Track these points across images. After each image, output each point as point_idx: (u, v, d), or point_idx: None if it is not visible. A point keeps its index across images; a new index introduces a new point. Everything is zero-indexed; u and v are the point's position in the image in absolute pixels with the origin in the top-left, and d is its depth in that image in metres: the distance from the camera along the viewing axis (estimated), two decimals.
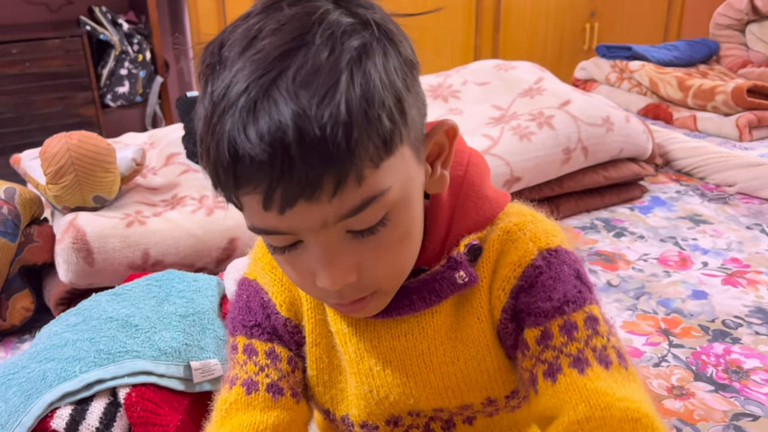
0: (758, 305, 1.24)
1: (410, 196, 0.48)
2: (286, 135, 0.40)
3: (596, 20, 3.11)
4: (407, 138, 0.46)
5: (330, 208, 0.43)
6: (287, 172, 0.41)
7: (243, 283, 0.62)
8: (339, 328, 0.58)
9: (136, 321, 0.94)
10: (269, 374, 0.58)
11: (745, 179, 1.72)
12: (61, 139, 1.19)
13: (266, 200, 0.43)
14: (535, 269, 0.54)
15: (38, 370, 0.86)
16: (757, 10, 2.39)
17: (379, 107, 0.42)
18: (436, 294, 0.54)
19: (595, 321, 0.53)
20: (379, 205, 0.45)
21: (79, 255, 1.15)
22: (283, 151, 0.41)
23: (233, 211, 1.45)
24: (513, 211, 0.58)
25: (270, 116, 0.41)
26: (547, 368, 0.52)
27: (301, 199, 0.42)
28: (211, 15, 2.49)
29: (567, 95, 1.72)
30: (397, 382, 0.57)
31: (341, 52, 0.42)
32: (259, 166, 0.41)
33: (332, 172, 0.42)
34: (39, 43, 2.30)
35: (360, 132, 0.41)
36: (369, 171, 0.43)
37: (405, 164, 0.47)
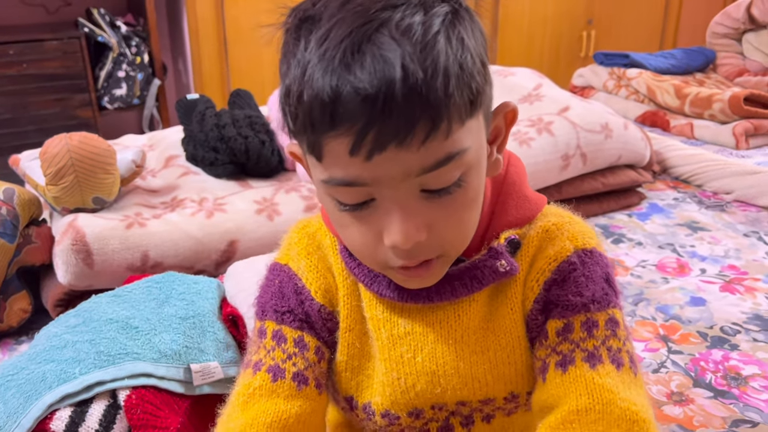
0: (756, 312, 1.25)
1: (481, 163, 0.50)
2: (393, 72, 0.42)
3: (593, 28, 3.13)
4: (484, 106, 0.49)
5: (416, 158, 0.45)
6: (388, 110, 0.42)
7: (275, 267, 0.62)
8: (373, 314, 0.58)
9: (137, 323, 0.94)
10: (296, 363, 0.58)
11: (742, 187, 1.73)
12: (61, 140, 1.19)
13: (357, 142, 0.43)
14: (570, 265, 0.56)
15: (38, 371, 0.86)
16: (754, 20, 2.41)
17: (471, 65, 0.46)
18: (477, 281, 0.55)
19: (615, 324, 0.55)
20: (458, 164, 0.47)
21: (78, 256, 1.15)
22: (388, 87, 0.42)
23: (233, 214, 1.45)
24: (551, 212, 0.60)
25: (375, 55, 0.42)
26: (561, 359, 0.54)
27: (392, 144, 0.43)
28: (209, 18, 2.49)
29: (566, 102, 1.73)
30: (426, 370, 0.57)
31: (434, 15, 0.45)
32: (362, 101, 0.42)
33: (428, 117, 0.43)
34: (37, 45, 2.30)
35: (456, 83, 0.44)
36: (456, 126, 0.45)
37: (480, 131, 0.49)
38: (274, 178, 1.46)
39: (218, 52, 2.55)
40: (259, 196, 1.36)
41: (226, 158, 1.43)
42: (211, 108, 1.53)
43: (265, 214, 1.31)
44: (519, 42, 3.03)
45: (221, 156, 1.43)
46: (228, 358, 0.96)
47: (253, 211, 1.31)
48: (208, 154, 1.44)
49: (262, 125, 1.48)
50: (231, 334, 1.01)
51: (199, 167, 1.49)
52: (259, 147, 1.41)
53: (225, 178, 1.44)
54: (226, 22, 2.52)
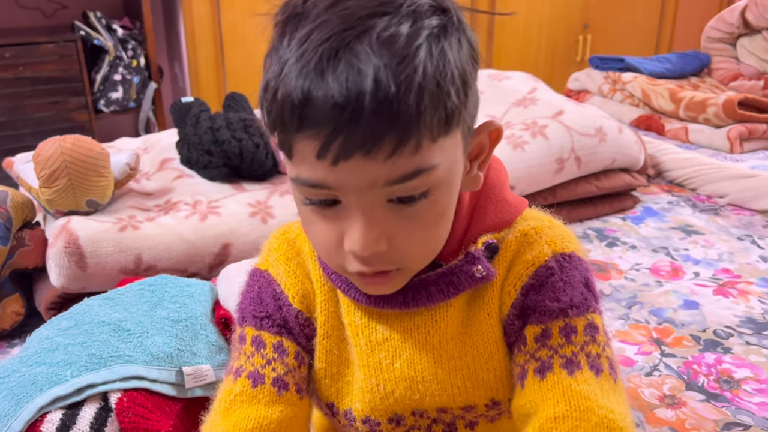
0: (749, 315, 1.25)
1: (453, 180, 0.50)
2: (365, 84, 0.42)
3: (589, 32, 3.14)
4: (463, 123, 0.49)
5: (383, 170, 0.45)
6: (355, 121, 0.42)
7: (255, 273, 0.62)
8: (352, 320, 0.58)
9: (129, 326, 0.94)
10: (276, 368, 0.58)
11: (735, 191, 1.74)
12: (55, 143, 1.19)
13: (324, 147, 0.44)
14: (548, 270, 0.55)
15: (29, 374, 0.85)
16: (748, 24, 2.42)
17: (450, 83, 0.45)
18: (453, 287, 0.55)
19: (594, 329, 0.54)
20: (426, 179, 0.47)
21: (72, 259, 1.15)
22: (357, 98, 0.42)
23: (226, 217, 1.44)
24: (531, 215, 0.59)
25: (350, 64, 0.42)
26: (539, 366, 0.53)
27: (358, 153, 0.44)
28: (205, 21, 2.50)
29: (560, 105, 1.74)
30: (405, 376, 0.57)
31: (422, 27, 0.44)
32: (331, 108, 0.42)
33: (396, 131, 0.43)
34: (33, 48, 2.30)
35: (430, 100, 0.44)
36: (427, 142, 0.45)
37: (455, 148, 0.49)
38: (268, 181, 1.47)
39: (214, 55, 2.55)
40: (253, 199, 1.36)
41: (220, 161, 1.43)
42: (205, 111, 1.53)
43: (258, 217, 1.31)
44: (515, 46, 3.04)
45: (215, 159, 1.43)
46: (220, 361, 0.96)
47: (247, 214, 1.31)
48: (203, 157, 1.44)
49: (257, 128, 1.48)
50: (223, 336, 1.01)
51: (194, 170, 1.49)
52: (253, 150, 1.41)
53: (219, 181, 1.44)
54: (222, 26, 2.52)
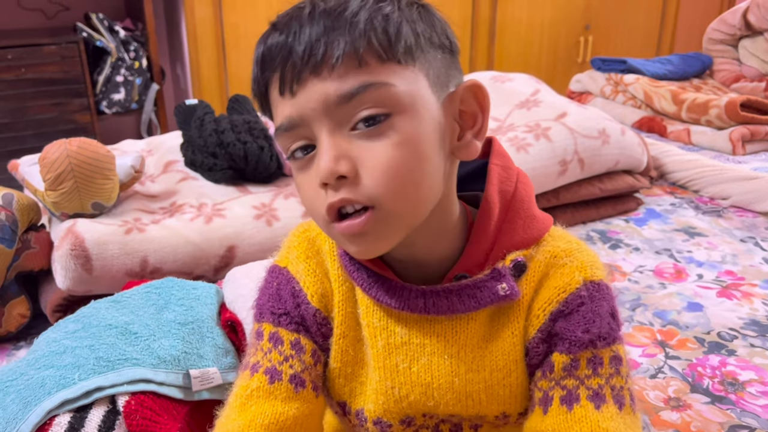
0: (753, 318, 1.25)
1: (418, 111, 0.51)
2: (303, 9, 0.51)
3: (591, 33, 3.14)
4: (422, 67, 0.52)
5: (331, 85, 0.49)
6: (298, 37, 0.49)
7: (274, 270, 0.63)
8: (370, 321, 0.59)
9: (136, 328, 0.94)
10: (293, 365, 0.58)
11: (738, 192, 1.74)
12: (60, 146, 1.19)
13: (281, 81, 0.51)
14: (578, 298, 0.56)
15: (37, 377, 0.86)
16: (750, 26, 2.43)
17: (391, 14, 0.50)
18: (476, 300, 0.55)
19: (619, 361, 0.56)
20: (380, 95, 0.50)
21: (77, 262, 1.15)
22: (298, 17, 0.50)
23: (232, 219, 1.44)
24: (558, 235, 0.60)
25: (299, 8, 0.52)
26: (566, 395, 0.55)
27: (305, 74, 0.49)
28: (208, 23, 2.50)
29: (563, 107, 1.74)
30: (421, 381, 0.57)
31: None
32: (278, 36, 0.51)
33: (334, 39, 0.49)
34: (35, 49, 2.30)
35: (367, 18, 0.49)
36: (372, 60, 0.49)
37: (417, 84, 0.52)
38: (272, 184, 1.47)
39: (217, 57, 2.56)
40: (258, 201, 1.36)
41: (225, 163, 1.43)
42: (209, 113, 1.53)
43: (263, 219, 1.32)
44: (516, 48, 3.04)
45: (220, 161, 1.43)
46: (227, 364, 0.96)
47: (252, 217, 1.31)
48: (207, 159, 1.44)
49: (261, 130, 1.48)
50: (230, 339, 1.01)
51: (198, 172, 1.49)
52: (257, 152, 1.41)
53: (224, 183, 1.45)
54: (224, 28, 2.52)
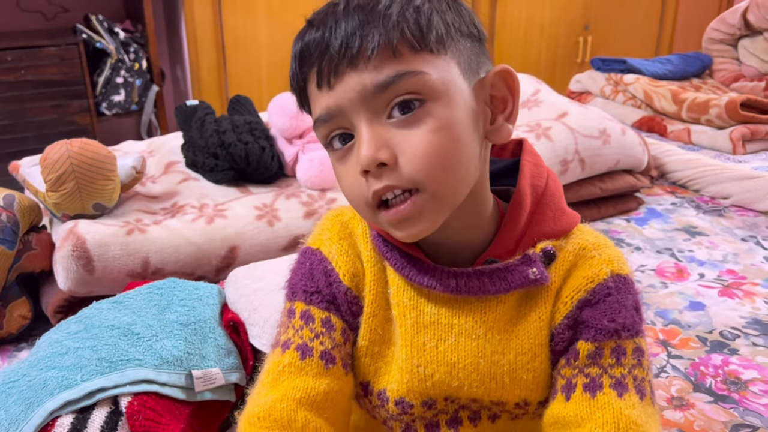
0: (755, 316, 1.25)
1: (451, 97, 0.53)
2: (338, 6, 0.53)
3: (590, 33, 3.14)
4: (453, 55, 0.54)
5: (368, 76, 0.51)
6: (334, 32, 0.51)
7: (306, 251, 0.65)
8: (400, 300, 0.60)
9: (138, 329, 0.94)
10: (323, 342, 0.60)
11: (739, 192, 1.74)
12: (62, 147, 1.19)
13: (318, 75, 0.53)
14: (605, 289, 0.58)
15: (39, 378, 0.86)
16: (750, 26, 2.43)
17: (422, 5, 0.52)
18: (506, 282, 0.57)
19: (641, 353, 0.58)
20: (414, 83, 0.52)
21: (79, 262, 1.15)
22: (333, 12, 0.52)
23: (233, 220, 1.44)
24: (586, 230, 0.62)
25: (333, 4, 0.54)
26: (589, 382, 0.56)
27: (342, 66, 0.51)
28: (207, 24, 2.50)
29: (564, 107, 1.74)
30: (447, 360, 0.59)
31: None
32: (315, 32, 0.53)
33: (369, 31, 0.51)
34: (34, 51, 2.30)
35: (399, 10, 0.51)
36: (405, 50, 0.51)
37: (448, 71, 0.54)
38: (274, 184, 1.47)
39: (216, 58, 2.55)
40: (259, 201, 1.36)
41: (226, 164, 1.43)
42: (210, 114, 1.53)
43: (265, 220, 1.32)
44: (516, 47, 3.04)
45: (221, 162, 1.43)
46: (229, 364, 0.96)
47: (254, 217, 1.31)
48: (208, 160, 1.44)
49: (262, 131, 1.48)
50: (232, 340, 1.01)
51: (199, 173, 1.49)
52: (259, 153, 1.41)
53: (225, 184, 1.44)
54: (224, 29, 2.52)
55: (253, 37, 2.56)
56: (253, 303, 1.02)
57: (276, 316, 0.97)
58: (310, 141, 1.49)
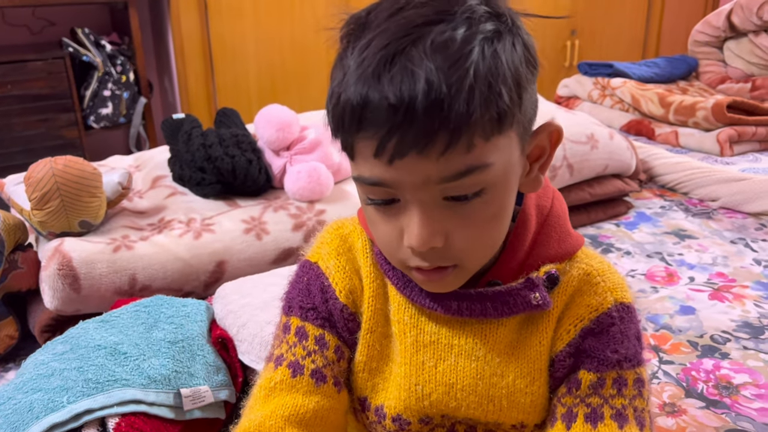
0: (745, 320, 1.25)
1: (509, 180, 0.51)
2: (417, 86, 0.45)
3: (577, 38, 3.15)
4: (518, 125, 0.50)
5: (435, 167, 0.47)
6: (407, 121, 0.45)
7: (304, 265, 0.64)
8: (401, 318, 0.60)
9: (125, 348, 0.93)
10: (315, 360, 0.60)
11: (727, 194, 1.74)
12: (46, 165, 1.18)
13: (380, 147, 0.47)
14: (609, 318, 0.57)
15: (24, 401, 0.84)
16: (734, 27, 2.44)
17: (502, 83, 0.47)
18: (508, 307, 0.56)
19: (641, 384, 0.58)
20: (480, 177, 0.48)
21: (65, 281, 1.14)
22: (410, 100, 0.45)
23: (221, 234, 1.43)
24: (590, 254, 0.61)
25: (405, 68, 0.45)
26: (590, 412, 0.56)
27: (412, 152, 0.46)
28: (194, 36, 2.49)
29: (551, 113, 1.74)
30: (445, 381, 0.59)
31: (476, 31, 0.47)
32: (385, 110, 0.45)
33: (447, 130, 0.45)
34: (21, 65, 2.28)
35: (481, 100, 0.46)
36: (479, 141, 0.47)
37: (510, 148, 0.50)
38: (261, 197, 1.46)
39: (204, 69, 2.55)
40: (247, 215, 1.35)
41: (213, 178, 1.42)
42: (197, 127, 1.52)
43: (253, 233, 1.31)
44: None
45: (208, 176, 1.42)
46: (218, 382, 0.95)
47: (241, 231, 1.31)
48: (195, 174, 1.43)
49: (249, 144, 1.47)
50: (221, 356, 1.01)
51: (186, 187, 1.48)
52: (246, 166, 1.41)
53: (212, 197, 1.44)
54: (211, 40, 2.52)
55: (241, 47, 2.56)
56: (242, 319, 1.01)
57: (265, 331, 0.97)
58: (298, 153, 1.48)
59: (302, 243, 1.32)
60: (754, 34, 2.41)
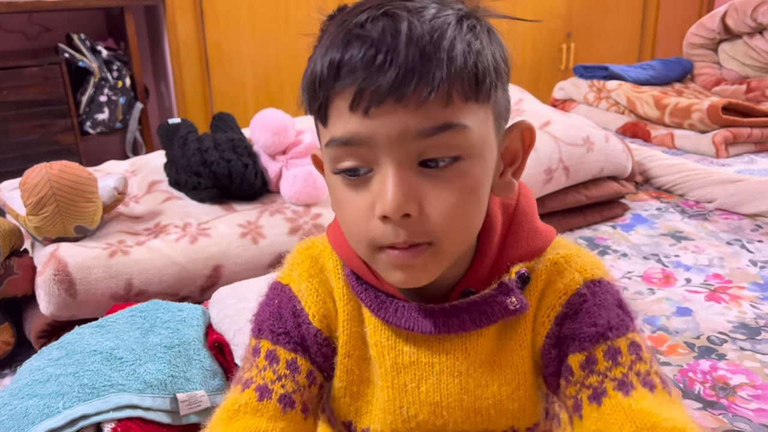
0: (741, 320, 1.26)
1: (484, 156, 0.50)
2: (400, 26, 0.46)
3: (573, 40, 3.16)
4: (493, 106, 0.50)
5: (414, 118, 0.46)
6: (388, 61, 0.45)
7: (276, 287, 0.62)
8: (378, 340, 0.58)
9: (121, 353, 0.93)
10: (285, 385, 0.58)
11: (723, 195, 1.75)
12: (41, 170, 1.18)
13: (357, 95, 0.46)
14: (580, 297, 0.56)
15: (20, 407, 0.84)
16: (729, 30, 2.45)
17: (479, 49, 0.48)
18: (486, 317, 0.55)
19: (638, 347, 0.54)
20: (457, 139, 0.48)
21: (61, 286, 1.13)
22: (392, 38, 0.45)
23: (217, 238, 1.43)
24: (560, 244, 0.59)
25: (387, 18, 0.47)
26: (592, 393, 0.53)
27: (390, 99, 0.45)
28: (190, 40, 2.49)
29: (547, 116, 1.74)
30: (430, 401, 0.57)
31: (454, 12, 0.49)
32: (367, 49, 0.46)
33: (427, 74, 0.45)
34: (17, 71, 2.28)
35: (462, 52, 0.46)
36: (457, 98, 0.47)
37: (486, 124, 0.50)
38: (258, 201, 1.46)
39: (200, 74, 2.55)
40: (243, 219, 1.35)
41: (209, 182, 1.42)
42: (193, 132, 1.52)
43: (249, 237, 1.31)
44: None
45: (204, 180, 1.42)
46: (215, 386, 0.95)
47: (237, 235, 1.31)
48: (191, 178, 1.43)
49: (245, 148, 1.47)
50: (217, 361, 1.00)
51: (182, 192, 1.48)
52: (242, 170, 1.41)
53: (208, 202, 1.44)
54: (207, 45, 2.52)
55: (237, 52, 2.56)
56: (238, 323, 1.01)
57: None
58: (294, 157, 1.48)
59: None
60: (748, 36, 2.42)
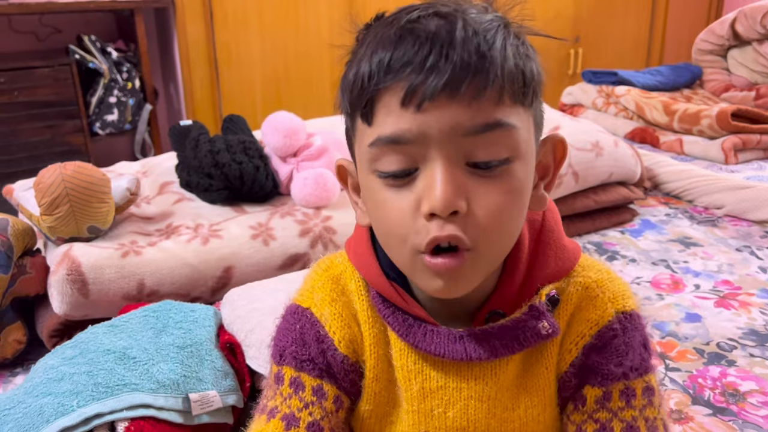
0: (751, 327, 1.25)
1: (528, 159, 0.50)
2: (456, 23, 0.46)
3: (580, 45, 3.16)
4: (534, 111, 0.50)
5: (466, 113, 0.46)
6: (444, 55, 0.45)
7: (296, 311, 0.60)
8: (404, 364, 0.56)
9: (134, 353, 0.93)
10: (312, 412, 0.56)
11: (732, 202, 1.75)
12: (55, 170, 1.19)
13: (410, 90, 0.45)
14: (611, 331, 0.55)
15: (35, 405, 0.85)
16: (738, 36, 2.45)
17: (526, 55, 0.48)
18: (518, 342, 0.54)
19: (651, 392, 0.55)
20: (506, 138, 0.47)
21: (74, 286, 1.14)
22: (449, 32, 0.45)
23: (228, 240, 1.44)
24: (587, 264, 0.58)
25: (440, 15, 0.47)
26: (599, 428, 0.54)
27: (443, 93, 0.45)
28: (200, 42, 2.51)
29: (556, 121, 1.75)
30: (457, 426, 0.56)
31: (497, 17, 0.49)
32: (422, 43, 0.45)
33: (482, 70, 0.45)
34: (27, 72, 2.30)
35: (514, 53, 0.47)
36: (507, 97, 0.47)
37: (528, 131, 0.50)
38: (268, 203, 1.47)
39: (209, 76, 2.56)
40: (254, 221, 1.36)
41: (221, 184, 1.43)
42: (204, 134, 1.53)
43: (260, 239, 1.31)
44: None
45: (216, 182, 1.43)
46: (226, 387, 0.95)
47: (249, 237, 1.31)
48: (203, 180, 1.44)
49: (256, 150, 1.48)
50: (229, 361, 1.01)
51: (194, 193, 1.48)
52: (253, 172, 1.41)
53: (220, 203, 1.44)
54: (216, 47, 2.53)
55: (246, 54, 2.57)
56: (250, 324, 1.02)
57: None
58: (305, 159, 1.49)
59: (308, 249, 1.32)
60: (758, 43, 2.42)
